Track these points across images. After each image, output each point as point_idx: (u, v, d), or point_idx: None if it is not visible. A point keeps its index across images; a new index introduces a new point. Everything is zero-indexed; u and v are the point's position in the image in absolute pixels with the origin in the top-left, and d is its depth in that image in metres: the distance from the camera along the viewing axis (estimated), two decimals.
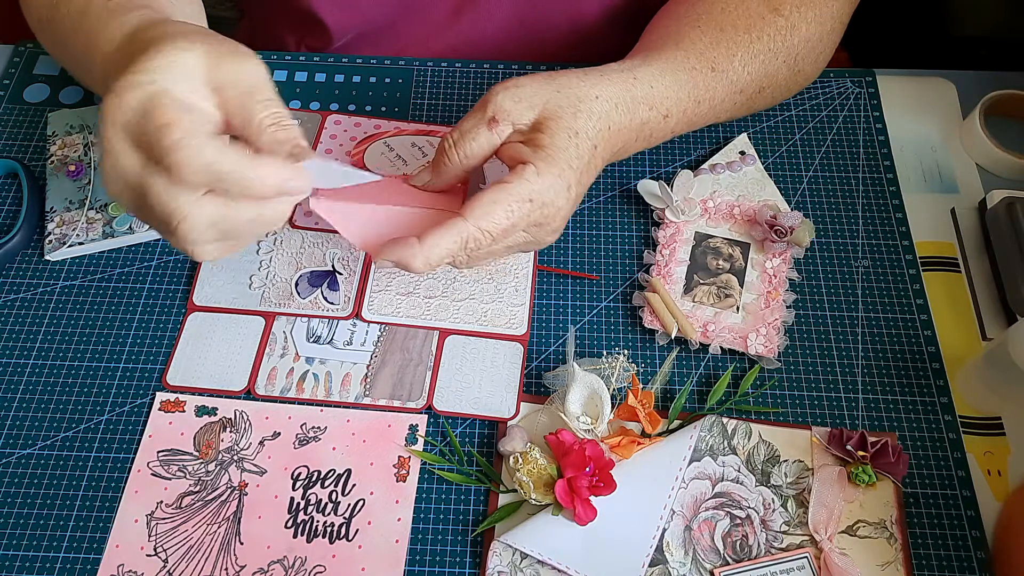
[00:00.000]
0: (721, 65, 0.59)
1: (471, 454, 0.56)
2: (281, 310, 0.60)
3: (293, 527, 0.53)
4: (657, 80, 0.57)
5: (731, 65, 0.60)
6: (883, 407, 0.57)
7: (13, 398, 0.57)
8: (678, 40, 0.60)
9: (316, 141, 0.67)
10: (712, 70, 0.59)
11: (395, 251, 0.49)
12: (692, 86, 0.58)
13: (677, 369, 0.59)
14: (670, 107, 0.57)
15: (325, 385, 0.58)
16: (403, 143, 0.67)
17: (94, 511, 0.53)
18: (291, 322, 0.60)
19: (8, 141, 0.68)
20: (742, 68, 0.60)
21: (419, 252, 0.48)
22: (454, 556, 0.52)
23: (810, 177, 0.67)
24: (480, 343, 0.59)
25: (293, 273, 0.62)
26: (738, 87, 0.61)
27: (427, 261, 0.49)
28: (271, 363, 0.58)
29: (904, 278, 0.63)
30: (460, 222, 0.49)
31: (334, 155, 0.67)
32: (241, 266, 0.62)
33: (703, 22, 0.61)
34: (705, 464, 0.55)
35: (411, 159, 0.66)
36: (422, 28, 0.74)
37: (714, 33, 0.60)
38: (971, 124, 0.68)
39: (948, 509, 0.54)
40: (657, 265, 0.62)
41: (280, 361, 0.58)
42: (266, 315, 0.60)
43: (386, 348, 0.59)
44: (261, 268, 0.62)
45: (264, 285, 0.61)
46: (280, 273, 0.62)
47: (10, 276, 0.61)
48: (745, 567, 0.52)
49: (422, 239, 0.49)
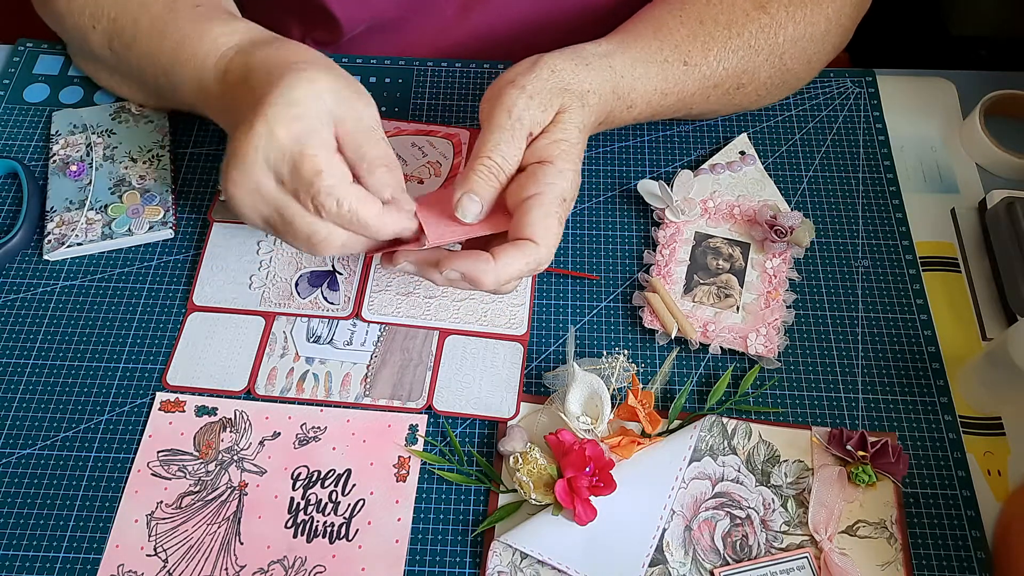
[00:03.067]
0: (695, 59, 0.60)
1: (471, 454, 0.56)
2: (281, 310, 0.60)
3: (293, 527, 0.53)
4: (628, 71, 0.58)
5: (705, 60, 0.60)
6: (883, 407, 0.57)
7: (13, 398, 0.57)
8: (657, 28, 0.60)
9: None
10: (684, 64, 0.60)
11: (468, 263, 0.50)
12: (662, 79, 0.59)
13: (677, 369, 0.59)
14: (635, 99, 0.59)
15: (325, 385, 0.58)
16: (403, 143, 0.67)
17: (94, 511, 0.53)
18: (291, 322, 0.60)
19: (8, 141, 0.68)
20: (717, 63, 0.61)
21: (491, 270, 0.50)
22: (454, 556, 0.52)
23: (810, 177, 0.67)
24: (480, 343, 0.59)
25: (293, 273, 0.62)
26: (712, 82, 0.61)
27: (497, 280, 0.50)
28: (271, 363, 0.58)
29: (904, 278, 0.63)
30: (533, 246, 0.50)
31: None
32: (241, 266, 0.62)
33: (685, 13, 0.61)
34: (705, 464, 0.55)
35: (411, 159, 0.66)
36: (432, 22, 0.74)
37: (693, 25, 0.60)
38: (971, 124, 0.68)
39: (948, 509, 0.54)
40: (657, 265, 0.62)
41: (280, 361, 0.58)
42: (266, 315, 0.60)
43: (386, 348, 0.59)
44: (261, 268, 0.62)
45: (264, 285, 0.61)
46: (280, 273, 0.62)
47: (10, 276, 0.61)
48: (745, 567, 0.52)
49: (497, 258, 0.50)
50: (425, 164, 0.65)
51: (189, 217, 0.65)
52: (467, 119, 0.70)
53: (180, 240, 0.63)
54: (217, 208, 0.64)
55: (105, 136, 0.67)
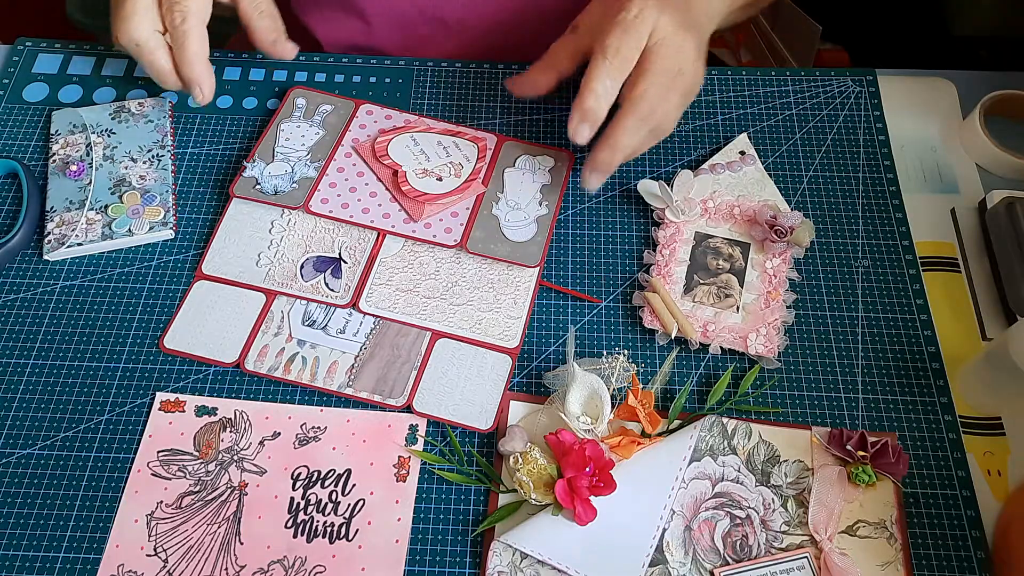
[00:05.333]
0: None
1: (471, 454, 0.56)
2: (283, 290, 0.61)
3: (293, 527, 0.53)
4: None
5: None
6: (883, 407, 0.57)
7: (13, 398, 0.57)
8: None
9: (346, 128, 0.68)
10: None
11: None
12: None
13: (677, 369, 0.59)
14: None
15: (312, 370, 0.58)
16: (430, 140, 0.67)
17: (94, 511, 0.53)
18: (290, 303, 0.60)
19: (8, 141, 0.68)
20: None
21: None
22: (454, 556, 0.52)
23: (810, 177, 0.67)
24: (470, 350, 0.59)
25: (300, 255, 0.62)
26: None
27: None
28: (264, 340, 0.59)
29: (904, 278, 0.63)
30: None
31: (361, 139, 0.67)
32: (252, 242, 0.63)
33: None
34: (705, 464, 0.55)
35: (434, 156, 0.66)
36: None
37: None
38: (971, 124, 0.68)
39: (948, 509, 0.54)
40: (657, 265, 0.62)
41: (273, 340, 0.59)
42: (268, 292, 0.60)
43: (376, 342, 0.59)
44: (271, 246, 0.62)
45: (271, 263, 0.62)
46: (288, 254, 0.62)
47: (10, 276, 0.61)
48: (745, 567, 0.52)
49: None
50: (447, 163, 0.66)
51: (189, 217, 0.65)
52: (467, 118, 0.70)
53: (180, 240, 0.63)
54: (239, 184, 0.64)
55: (105, 136, 0.67)
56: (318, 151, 0.66)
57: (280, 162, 0.65)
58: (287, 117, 0.68)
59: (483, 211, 0.64)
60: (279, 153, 0.66)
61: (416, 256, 0.63)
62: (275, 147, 0.66)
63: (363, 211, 0.63)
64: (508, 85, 0.66)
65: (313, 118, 0.68)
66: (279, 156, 0.66)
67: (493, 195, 0.65)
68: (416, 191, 0.64)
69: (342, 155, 0.66)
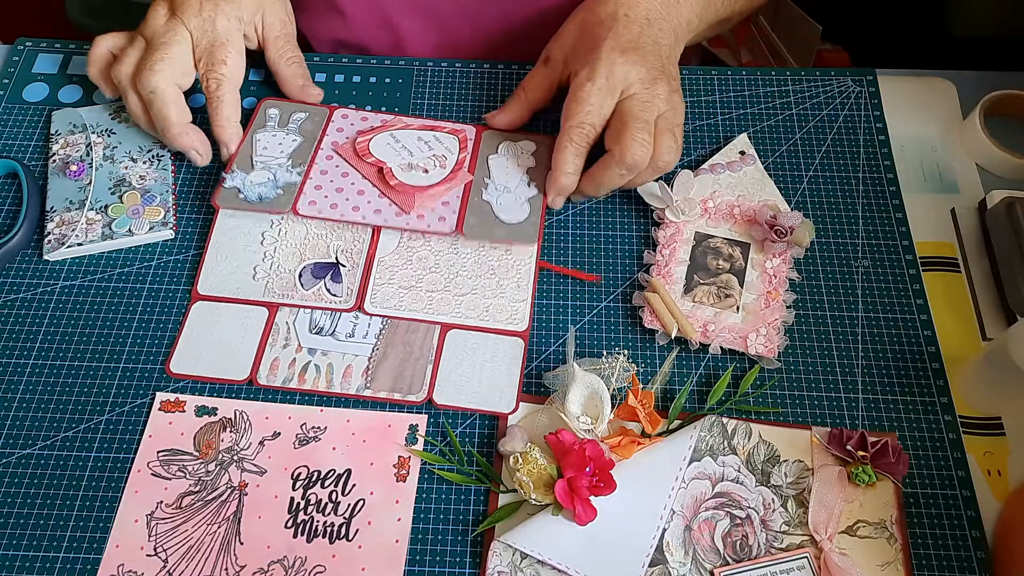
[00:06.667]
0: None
1: (471, 454, 0.56)
2: (284, 301, 0.60)
3: (293, 527, 0.53)
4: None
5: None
6: (883, 407, 0.57)
7: (13, 398, 0.57)
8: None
9: (323, 133, 0.67)
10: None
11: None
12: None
13: (677, 369, 0.59)
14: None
15: (327, 376, 0.58)
16: (409, 136, 0.67)
17: (94, 511, 0.53)
18: (294, 313, 0.60)
19: (8, 141, 0.68)
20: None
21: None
22: (454, 556, 0.52)
23: (810, 177, 0.67)
24: (481, 338, 0.59)
25: (297, 264, 0.62)
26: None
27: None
28: (273, 353, 0.58)
29: (904, 278, 0.63)
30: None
31: (340, 142, 0.67)
32: (245, 256, 0.62)
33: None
34: (705, 464, 0.55)
35: (416, 151, 0.66)
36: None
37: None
38: (971, 124, 0.68)
39: (948, 509, 0.54)
40: (657, 265, 0.62)
41: (283, 352, 0.59)
42: (269, 306, 0.60)
43: (388, 341, 0.59)
44: (265, 259, 0.62)
45: (268, 276, 0.61)
46: (284, 264, 0.62)
47: (10, 276, 0.61)
48: (745, 567, 0.52)
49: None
50: (431, 156, 0.66)
51: (189, 217, 0.65)
52: (467, 118, 0.70)
53: (180, 240, 0.63)
54: (221, 195, 0.63)
55: (105, 136, 0.67)
56: (298, 156, 0.65)
57: (261, 170, 0.64)
58: (261, 127, 0.67)
59: (473, 198, 0.64)
60: (258, 162, 0.65)
61: (413, 252, 0.63)
62: (253, 156, 0.65)
63: (353, 209, 0.63)
64: (486, 119, 0.68)
65: (288, 126, 0.67)
66: (259, 164, 0.64)
67: (481, 181, 0.65)
68: (404, 184, 0.64)
69: (323, 158, 0.66)
